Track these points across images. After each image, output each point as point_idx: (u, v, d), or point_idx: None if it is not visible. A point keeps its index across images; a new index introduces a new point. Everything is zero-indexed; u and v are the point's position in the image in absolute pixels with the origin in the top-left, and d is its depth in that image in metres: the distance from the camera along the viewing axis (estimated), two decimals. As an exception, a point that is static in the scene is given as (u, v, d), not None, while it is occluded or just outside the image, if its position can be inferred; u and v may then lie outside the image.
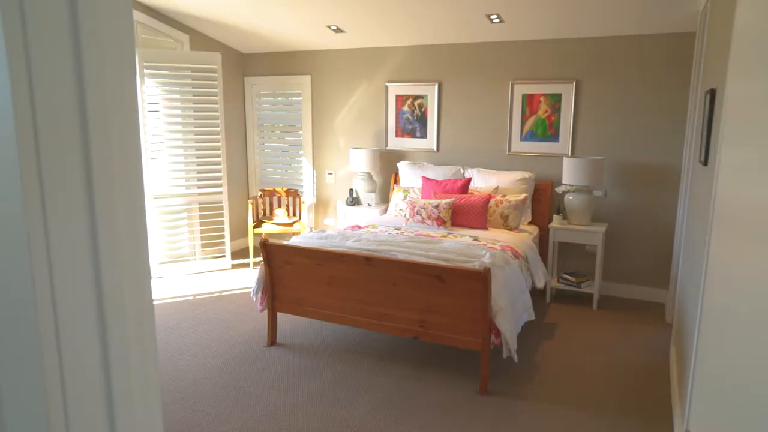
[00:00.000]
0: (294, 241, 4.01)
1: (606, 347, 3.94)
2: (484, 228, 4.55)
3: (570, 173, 4.60)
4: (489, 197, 4.60)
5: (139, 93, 5.06)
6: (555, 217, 4.80)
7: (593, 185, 4.63)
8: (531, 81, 5.00)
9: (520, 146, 5.15)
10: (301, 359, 3.70)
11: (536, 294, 4.84)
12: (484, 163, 5.30)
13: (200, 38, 5.71)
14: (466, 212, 4.57)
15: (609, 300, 4.88)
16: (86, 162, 0.65)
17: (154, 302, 4.77)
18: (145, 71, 5.06)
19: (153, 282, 5.32)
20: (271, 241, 6.11)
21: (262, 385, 3.35)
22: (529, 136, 5.09)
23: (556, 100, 4.93)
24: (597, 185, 4.69)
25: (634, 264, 4.87)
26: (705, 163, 2.77)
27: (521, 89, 5.06)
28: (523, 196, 4.70)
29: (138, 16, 4.99)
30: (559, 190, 4.78)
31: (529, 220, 4.96)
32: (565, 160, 4.66)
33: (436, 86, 5.40)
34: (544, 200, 5.01)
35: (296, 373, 3.50)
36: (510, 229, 4.60)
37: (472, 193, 4.85)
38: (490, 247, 3.93)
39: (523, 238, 4.44)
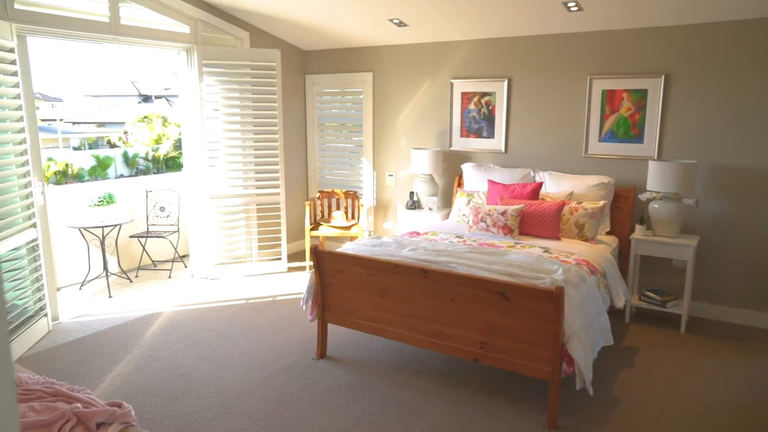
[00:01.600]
0: (346, 248, 3.75)
1: (699, 379, 3.42)
2: (556, 238, 4.11)
3: (656, 178, 4.09)
4: (562, 204, 4.16)
5: (198, 91, 4.98)
6: (638, 227, 4.29)
7: (683, 192, 4.09)
8: (612, 75, 4.50)
9: (598, 148, 4.66)
10: (351, 376, 3.44)
11: (613, 312, 4.34)
12: (557, 166, 4.84)
13: (261, 35, 5.59)
14: (536, 220, 4.15)
15: (700, 323, 4.30)
16: None
17: (210, 304, 4.67)
18: (204, 69, 4.97)
19: (209, 283, 5.25)
20: (322, 248, 5.94)
21: (307, 403, 3.11)
22: (609, 136, 4.59)
23: (641, 96, 4.41)
24: (688, 192, 4.14)
25: (731, 283, 4.27)
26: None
27: (601, 85, 4.57)
28: (601, 203, 4.22)
29: (198, 13, 4.91)
30: (642, 197, 4.26)
31: (608, 229, 4.47)
32: (651, 163, 4.14)
33: (505, 82, 5.00)
34: (625, 208, 4.50)
35: (344, 392, 3.24)
36: (586, 240, 4.14)
37: (543, 199, 4.42)
38: (563, 261, 3.51)
39: (601, 250, 3.97)
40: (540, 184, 4.45)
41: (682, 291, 4.23)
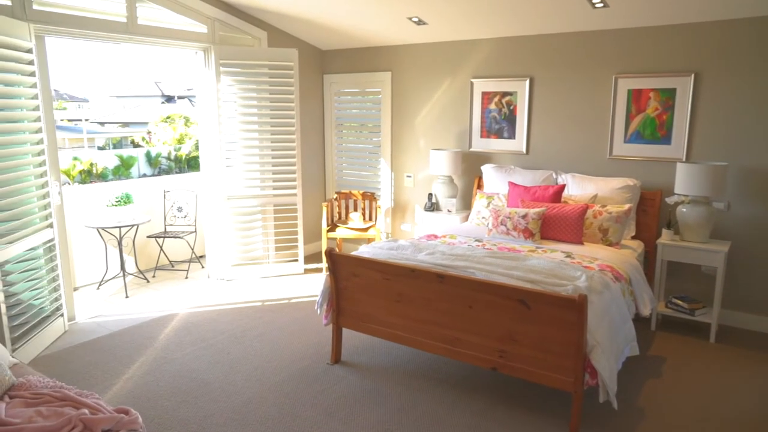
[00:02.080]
0: (362, 252, 3.67)
1: (729, 392, 3.26)
2: (579, 242, 3.98)
3: (684, 181, 3.92)
4: (586, 207, 4.02)
5: (215, 91, 4.95)
6: (664, 231, 4.12)
7: (713, 196, 3.92)
8: (639, 74, 4.34)
9: (623, 149, 4.50)
10: (366, 382, 3.35)
11: (638, 320, 4.18)
12: (580, 167, 4.69)
13: (279, 35, 5.54)
14: (558, 224, 4.02)
15: (731, 332, 4.12)
16: None
17: (225, 306, 4.63)
18: (221, 69, 4.94)
19: (225, 284, 5.22)
20: (339, 250, 5.87)
21: (320, 410, 3.04)
22: (635, 137, 4.44)
23: (669, 95, 4.25)
24: (718, 196, 3.96)
25: (765, 290, 4.08)
26: None
27: (626, 84, 4.41)
28: (626, 206, 4.07)
29: (216, 13, 4.88)
30: (670, 200, 4.10)
31: (633, 234, 4.31)
32: (679, 165, 3.98)
33: (527, 82, 4.87)
34: (651, 212, 4.34)
35: (358, 399, 3.16)
36: (610, 245, 3.99)
37: (566, 202, 4.28)
38: (586, 267, 3.38)
39: (626, 255, 3.82)
40: (562, 187, 4.32)
41: (711, 298, 4.06)
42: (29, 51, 3.70)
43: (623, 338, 2.99)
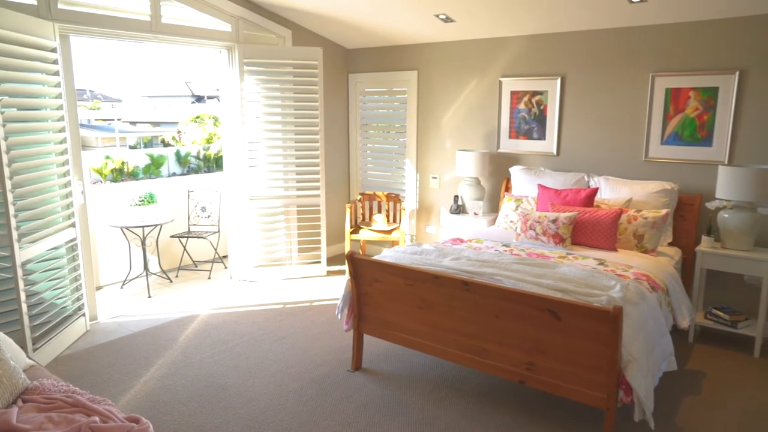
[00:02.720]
0: (384, 256, 3.56)
1: (774, 412, 3.05)
2: (613, 249, 3.79)
3: (727, 185, 3.70)
4: (620, 212, 3.83)
5: (239, 90, 4.90)
6: (704, 238, 3.90)
7: (758, 201, 3.69)
8: (678, 72, 4.13)
9: (660, 151, 4.29)
10: (387, 391, 3.24)
11: (675, 331, 3.97)
12: (614, 170, 4.49)
13: (303, 33, 5.47)
14: (590, 229, 3.84)
15: (774, 345, 3.88)
16: None
17: (246, 308, 4.58)
18: (245, 68, 4.89)
19: (247, 285, 5.16)
20: (363, 252, 5.76)
21: (339, 419, 2.94)
22: (673, 138, 4.22)
23: (710, 95, 4.02)
24: (763, 201, 3.73)
25: (812, 302, 3.82)
26: None
27: (664, 83, 4.20)
28: (663, 211, 3.86)
29: (240, 11, 4.83)
30: (710, 205, 3.88)
31: (670, 240, 4.10)
32: (721, 168, 3.77)
33: (558, 81, 4.69)
34: (689, 217, 4.12)
35: (379, 409, 3.04)
36: (645, 252, 3.79)
37: (598, 206, 4.09)
38: (621, 275, 3.20)
39: (663, 263, 3.63)
40: (595, 190, 4.13)
41: (755, 310, 3.82)
42: (53, 50, 3.69)
43: (660, 353, 2.81)
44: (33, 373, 2.56)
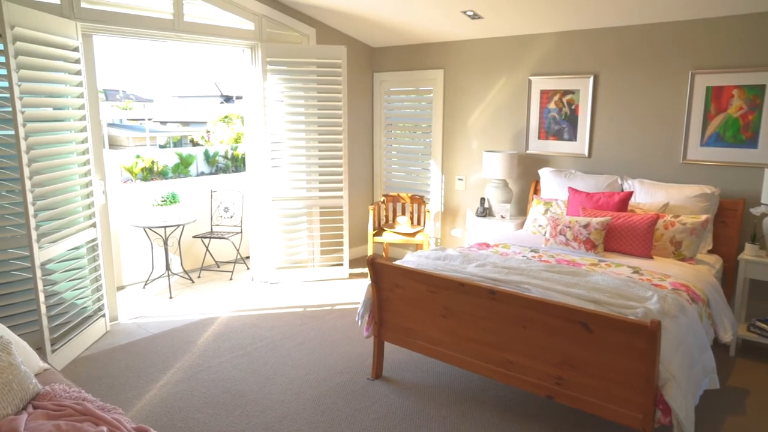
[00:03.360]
0: (407, 261, 3.43)
1: (826, 436, 2.82)
2: (648, 256, 3.59)
3: (773, 190, 3.47)
4: (656, 217, 3.62)
5: (261, 90, 4.83)
6: (748, 246, 3.67)
7: (808, 207, 3.45)
8: (720, 70, 3.90)
9: (699, 153, 4.06)
10: (408, 402, 3.11)
11: (715, 345, 3.74)
12: (649, 173, 4.28)
13: (328, 32, 5.38)
14: (624, 235, 3.65)
15: (824, 362, 3.63)
16: None
17: (266, 310, 4.50)
18: (268, 67, 4.81)
19: (268, 287, 5.10)
20: (386, 255, 5.64)
21: (357, 430, 2.82)
22: (714, 140, 3.99)
23: (756, 93, 3.78)
24: (813, 207, 3.49)
25: None
26: None
27: (705, 81, 3.97)
28: (703, 217, 3.65)
29: (263, 9, 4.76)
30: (755, 211, 3.64)
31: (710, 248, 3.87)
32: (767, 172, 3.53)
33: (591, 79, 4.49)
34: (731, 223, 3.89)
35: (399, 420, 2.92)
36: (683, 260, 3.58)
37: (633, 211, 3.89)
38: (657, 285, 3.01)
39: (702, 272, 3.41)
40: (629, 194, 3.93)
41: (802, 323, 3.58)
42: (76, 50, 3.67)
43: (701, 370, 2.62)
44: (46, 377, 2.51)
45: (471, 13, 4.48)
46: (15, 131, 3.11)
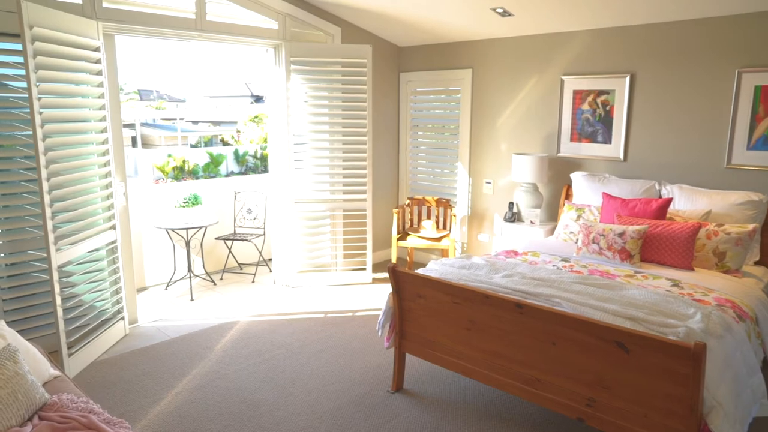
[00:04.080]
0: (430, 269, 3.28)
1: None
2: (689, 268, 3.36)
3: (829, 198, 3.20)
4: (698, 225, 3.39)
5: (285, 90, 4.74)
6: (799, 258, 3.41)
7: None
8: (769, 68, 3.64)
9: (745, 157, 3.80)
10: (429, 417, 2.96)
11: (765, 366, 3.49)
12: (689, 178, 4.03)
13: (353, 31, 5.26)
14: (662, 245, 3.42)
15: None
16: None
17: (286, 316, 4.41)
18: (292, 67, 4.72)
19: (290, 291, 5.00)
20: (410, 261, 5.49)
21: (374, 449, 2.69)
22: (762, 143, 3.73)
23: (809, 94, 3.52)
24: None
25: None
26: None
27: (753, 80, 3.71)
28: (750, 226, 3.40)
29: (287, 8, 4.67)
30: (808, 220, 3.38)
31: (756, 259, 3.61)
32: (821, 178, 3.27)
33: (627, 79, 4.26)
34: (780, 233, 3.62)
35: (419, 439, 2.77)
36: (727, 272, 3.34)
37: (672, 219, 3.66)
38: (699, 300, 2.79)
39: (749, 286, 3.17)
40: (668, 201, 3.70)
41: None
42: (97, 50, 3.63)
43: (750, 396, 2.40)
44: (56, 385, 2.44)
45: (501, 11, 4.30)
46: (33, 132, 3.07)
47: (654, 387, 2.23)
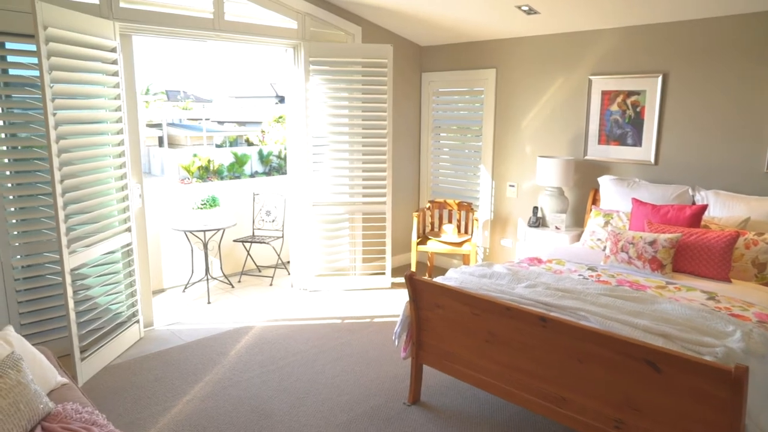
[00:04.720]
0: (449, 278, 3.15)
1: None
2: (725, 280, 3.16)
3: None
4: (736, 234, 3.19)
5: (304, 91, 4.65)
6: None
7: None
8: (815, 67, 3.41)
9: (787, 162, 3.58)
10: (446, 433, 2.84)
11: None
12: (726, 183, 3.82)
13: (374, 30, 5.15)
14: (697, 254, 3.23)
15: None
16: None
17: (303, 321, 4.32)
18: (311, 67, 4.63)
19: (307, 295, 4.92)
20: (430, 266, 5.35)
21: (388, 466, 2.57)
22: (805, 147, 3.50)
23: None
24: None
25: None
26: None
27: (796, 80, 3.49)
28: (792, 236, 3.18)
29: (307, 7, 4.59)
30: None
31: (799, 270, 3.39)
32: None
33: (659, 79, 4.06)
34: (825, 243, 3.39)
35: (435, 456, 2.65)
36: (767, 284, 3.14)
37: (707, 227, 3.46)
38: (738, 316, 2.61)
39: (791, 300, 2.96)
40: (703, 207, 3.50)
41: None
42: (113, 50, 3.59)
43: (795, 422, 2.22)
44: (62, 393, 2.39)
45: (526, 8, 4.15)
46: (47, 133, 3.03)
47: (688, 411, 2.07)
